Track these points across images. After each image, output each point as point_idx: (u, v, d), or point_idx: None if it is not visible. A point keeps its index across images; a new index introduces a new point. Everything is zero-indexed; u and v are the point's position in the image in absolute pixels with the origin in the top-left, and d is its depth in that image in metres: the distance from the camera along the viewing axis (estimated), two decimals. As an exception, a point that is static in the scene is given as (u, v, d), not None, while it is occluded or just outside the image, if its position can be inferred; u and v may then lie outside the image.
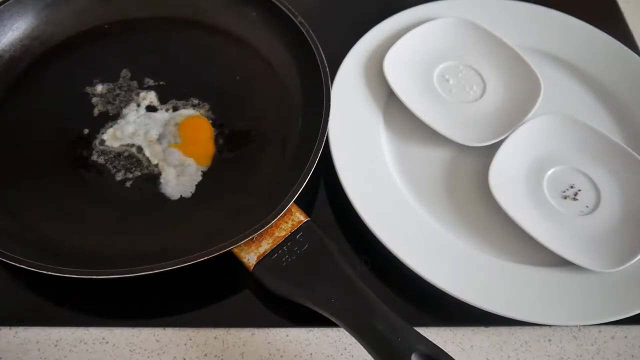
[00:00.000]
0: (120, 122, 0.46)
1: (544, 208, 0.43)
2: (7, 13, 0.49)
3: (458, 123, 0.47)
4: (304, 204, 0.41)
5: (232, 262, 0.39)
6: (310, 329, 0.39)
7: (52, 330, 0.38)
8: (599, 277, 0.40)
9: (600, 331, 0.40)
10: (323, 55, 0.46)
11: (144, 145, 0.45)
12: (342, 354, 0.39)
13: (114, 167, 0.44)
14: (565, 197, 0.44)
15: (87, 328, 0.38)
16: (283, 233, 0.39)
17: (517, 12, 0.56)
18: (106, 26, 0.52)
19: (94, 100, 0.48)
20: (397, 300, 0.40)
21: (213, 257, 0.36)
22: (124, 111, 0.47)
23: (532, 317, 0.38)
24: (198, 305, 0.40)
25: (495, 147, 0.45)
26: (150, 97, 0.48)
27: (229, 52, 0.51)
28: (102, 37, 0.52)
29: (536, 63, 0.50)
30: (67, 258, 0.38)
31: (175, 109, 0.48)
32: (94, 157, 0.44)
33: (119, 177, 0.43)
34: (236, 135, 0.46)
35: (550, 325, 0.40)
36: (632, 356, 0.39)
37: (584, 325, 0.40)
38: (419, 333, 0.33)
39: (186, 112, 0.47)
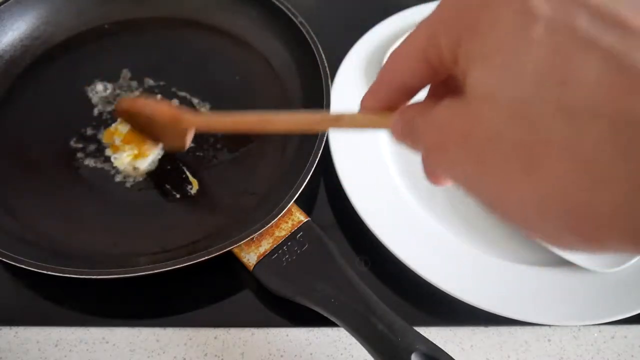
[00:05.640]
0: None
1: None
2: (7, 13, 0.49)
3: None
4: (304, 204, 0.41)
5: (232, 262, 0.39)
6: (310, 329, 0.39)
7: (52, 330, 0.38)
8: (599, 277, 0.40)
9: (600, 331, 0.40)
10: (323, 55, 0.46)
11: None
12: (342, 354, 0.39)
13: (114, 167, 0.44)
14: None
15: (87, 328, 0.38)
16: (283, 233, 0.39)
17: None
18: (106, 26, 0.52)
19: (94, 100, 0.48)
20: (397, 300, 0.40)
21: (213, 257, 0.36)
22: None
23: (532, 317, 0.38)
24: (198, 305, 0.40)
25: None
26: (150, 97, 0.48)
27: (229, 52, 0.51)
28: (102, 37, 0.52)
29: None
30: (67, 258, 0.38)
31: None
32: (94, 157, 0.44)
33: (119, 177, 0.43)
34: (236, 135, 0.46)
35: (550, 325, 0.40)
36: (632, 356, 0.39)
37: (584, 325, 0.40)
38: (419, 333, 0.33)
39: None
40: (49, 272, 0.35)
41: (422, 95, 0.22)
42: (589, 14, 0.15)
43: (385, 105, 0.22)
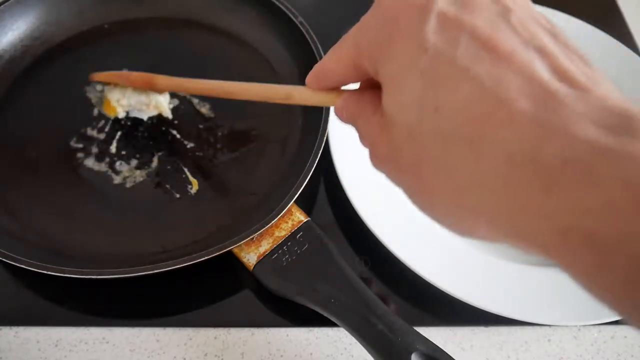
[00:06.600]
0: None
1: (544, 208, 0.43)
2: (7, 13, 0.49)
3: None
4: (304, 204, 0.41)
5: (232, 262, 0.39)
6: (310, 329, 0.39)
7: (52, 330, 0.38)
8: (599, 277, 0.40)
9: (600, 331, 0.40)
10: (323, 55, 0.46)
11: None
12: (342, 354, 0.39)
13: (114, 167, 0.44)
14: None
15: (87, 328, 0.38)
16: (283, 233, 0.39)
17: (517, 12, 0.56)
18: (106, 26, 0.52)
19: (94, 100, 0.48)
20: (397, 300, 0.40)
21: (213, 257, 0.36)
22: (124, 111, 0.47)
23: (532, 317, 0.38)
24: (198, 305, 0.40)
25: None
26: (150, 97, 0.48)
27: (229, 52, 0.51)
28: (102, 37, 0.52)
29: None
30: (67, 258, 0.38)
31: (175, 108, 0.48)
32: (94, 157, 0.44)
33: (119, 177, 0.43)
34: (236, 135, 0.46)
35: (550, 325, 0.40)
36: (632, 356, 0.39)
37: (584, 325, 0.40)
38: (419, 333, 0.33)
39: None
40: (49, 272, 0.35)
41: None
42: (470, 40, 0.17)
43: (327, 88, 0.26)
